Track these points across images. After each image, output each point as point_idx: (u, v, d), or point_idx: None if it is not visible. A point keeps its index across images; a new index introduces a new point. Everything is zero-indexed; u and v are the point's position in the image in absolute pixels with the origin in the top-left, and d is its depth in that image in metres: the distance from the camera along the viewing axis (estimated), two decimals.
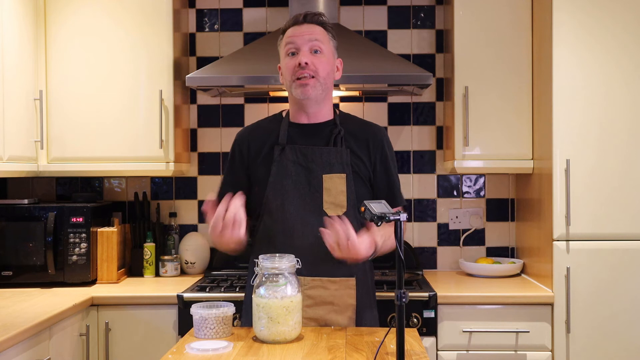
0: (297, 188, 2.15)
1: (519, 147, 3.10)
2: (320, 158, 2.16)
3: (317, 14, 2.19)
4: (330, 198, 2.13)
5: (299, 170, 2.16)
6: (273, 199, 2.16)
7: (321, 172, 2.15)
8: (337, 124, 2.21)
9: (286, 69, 2.17)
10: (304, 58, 2.12)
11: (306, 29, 2.15)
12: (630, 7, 2.81)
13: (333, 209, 2.13)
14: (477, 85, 3.09)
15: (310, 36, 2.14)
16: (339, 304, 2.13)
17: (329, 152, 2.16)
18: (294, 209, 2.14)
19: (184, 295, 2.82)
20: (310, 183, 2.14)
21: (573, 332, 2.79)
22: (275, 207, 2.15)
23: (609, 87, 2.81)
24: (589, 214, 2.81)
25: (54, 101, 3.12)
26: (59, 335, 2.54)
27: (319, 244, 2.08)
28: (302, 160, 2.16)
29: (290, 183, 2.15)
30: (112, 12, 3.13)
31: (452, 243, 3.49)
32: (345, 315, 2.14)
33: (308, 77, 2.12)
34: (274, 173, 2.16)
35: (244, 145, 2.25)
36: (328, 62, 2.17)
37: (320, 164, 2.15)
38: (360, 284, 2.17)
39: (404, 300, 1.64)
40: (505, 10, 3.10)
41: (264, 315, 1.88)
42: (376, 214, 1.71)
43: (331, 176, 2.14)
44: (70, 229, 3.04)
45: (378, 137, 2.23)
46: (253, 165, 2.22)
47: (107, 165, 3.13)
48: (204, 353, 1.80)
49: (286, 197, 2.14)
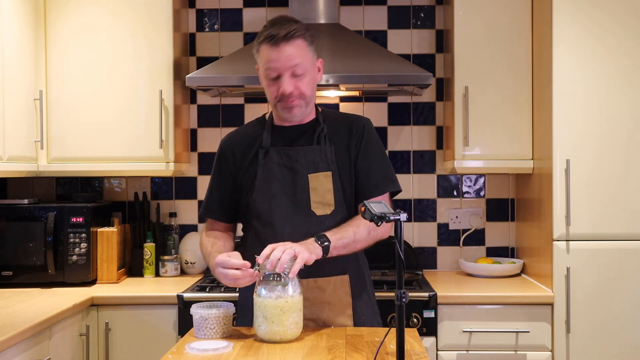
0: (284, 190, 2.13)
1: (519, 147, 3.10)
2: (305, 158, 2.14)
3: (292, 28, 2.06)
4: (318, 197, 2.12)
5: (285, 172, 2.14)
6: (261, 202, 2.14)
7: (306, 172, 2.13)
8: (319, 122, 2.19)
9: (268, 92, 2.12)
10: (288, 87, 2.06)
11: (285, 53, 2.05)
12: (630, 8, 2.81)
13: (321, 208, 2.11)
14: (477, 85, 3.09)
15: (290, 62, 2.05)
16: (335, 302, 2.13)
17: (313, 151, 2.14)
18: (282, 211, 2.12)
19: (184, 295, 2.82)
20: (297, 184, 2.12)
21: (573, 332, 2.79)
22: (264, 210, 2.14)
23: (609, 87, 2.81)
24: (589, 214, 2.81)
25: (54, 101, 3.12)
26: (59, 335, 2.54)
27: None
28: (286, 161, 2.14)
29: (276, 186, 2.13)
30: (112, 12, 3.13)
31: (452, 243, 3.49)
32: (342, 313, 2.14)
33: (294, 100, 2.08)
34: (260, 177, 2.14)
35: (229, 152, 2.22)
36: (311, 78, 2.11)
37: (305, 164, 2.13)
38: (354, 280, 2.17)
39: (404, 300, 1.64)
40: (505, 10, 3.10)
41: (260, 314, 1.89)
42: (376, 214, 1.71)
43: (317, 175, 2.12)
44: (70, 229, 3.04)
45: (359, 125, 2.19)
46: (240, 171, 2.19)
47: (107, 165, 3.13)
48: (204, 353, 1.80)
49: (273, 200, 2.13)
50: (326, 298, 2.12)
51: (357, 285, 2.18)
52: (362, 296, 2.19)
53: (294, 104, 2.09)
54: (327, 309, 2.13)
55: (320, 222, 2.09)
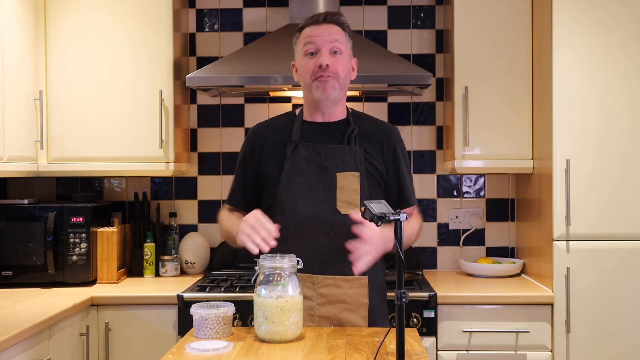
0: (310, 186, 2.14)
1: (519, 147, 3.10)
2: (334, 156, 2.15)
3: (336, 13, 2.18)
4: (344, 196, 2.12)
5: (312, 168, 2.15)
6: (286, 196, 2.15)
7: (335, 170, 2.14)
8: (350, 123, 2.21)
9: (305, 69, 2.14)
10: (325, 60, 2.11)
11: (326, 29, 2.13)
12: (630, 8, 2.81)
13: (346, 207, 2.12)
14: (477, 85, 3.09)
15: (331, 37, 2.13)
16: (352, 302, 2.13)
17: (343, 151, 2.15)
18: (307, 206, 2.13)
19: (184, 295, 2.82)
20: (324, 181, 2.14)
21: (573, 332, 2.79)
22: (288, 204, 2.14)
23: (609, 87, 2.81)
24: (589, 214, 2.81)
25: (54, 101, 3.12)
26: (59, 335, 2.54)
27: (332, 242, 2.09)
28: (315, 157, 2.15)
29: (303, 181, 2.14)
30: (112, 12, 3.13)
31: (452, 243, 3.49)
32: (358, 313, 2.14)
33: (329, 78, 2.11)
34: (287, 170, 2.15)
35: (257, 141, 2.23)
36: (347, 62, 2.17)
37: (333, 162, 2.14)
38: (372, 282, 2.17)
39: (404, 300, 1.64)
40: (505, 10, 3.10)
41: (260, 314, 1.90)
42: (376, 214, 1.71)
43: (345, 174, 2.13)
44: (70, 229, 3.04)
45: (391, 138, 2.23)
46: (264, 160, 2.20)
47: (107, 165, 3.13)
48: (204, 353, 1.80)
49: (299, 194, 2.13)
50: (343, 297, 2.13)
51: (375, 288, 2.18)
52: (378, 299, 2.20)
53: (329, 80, 2.11)
54: (343, 308, 2.13)
55: (345, 221, 2.09)
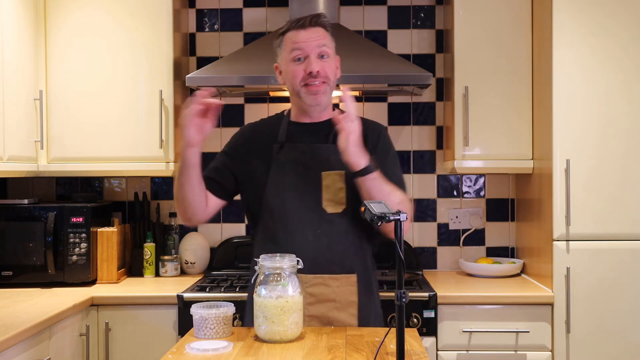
0: (296, 186, 2.14)
1: (519, 147, 3.10)
2: (319, 155, 2.16)
3: (318, 15, 2.18)
4: (329, 195, 2.13)
5: (298, 168, 2.15)
6: (273, 197, 2.16)
7: (320, 169, 2.14)
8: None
9: (293, 75, 2.13)
10: (315, 66, 2.10)
11: (313, 34, 2.12)
12: (630, 8, 2.81)
13: (332, 206, 2.13)
14: (477, 85, 3.09)
15: (318, 42, 2.12)
16: (341, 301, 2.13)
17: (327, 149, 2.15)
18: (293, 206, 2.13)
19: (184, 295, 2.82)
20: (309, 180, 2.14)
21: (573, 332, 2.79)
22: (275, 205, 2.15)
23: (608, 87, 2.81)
24: (589, 214, 2.81)
25: (54, 101, 3.12)
26: (59, 335, 2.54)
27: (319, 241, 2.09)
28: (300, 158, 2.16)
29: (289, 181, 2.15)
30: (113, 12, 3.13)
31: (452, 243, 3.49)
32: (347, 312, 2.14)
33: (320, 84, 2.11)
34: (273, 171, 2.17)
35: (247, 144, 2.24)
36: (334, 64, 2.17)
37: (318, 161, 2.15)
38: (361, 280, 2.17)
39: (404, 300, 1.64)
40: (505, 11, 3.10)
41: (260, 314, 1.90)
42: (376, 213, 1.71)
43: (330, 173, 2.14)
44: (70, 229, 3.04)
45: (375, 133, 2.22)
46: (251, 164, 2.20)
47: (107, 165, 3.13)
48: (204, 353, 1.80)
49: (286, 195, 2.14)
50: (332, 296, 2.13)
51: (364, 286, 2.18)
52: (368, 297, 2.20)
53: (319, 89, 2.12)
54: (332, 307, 2.13)
55: (331, 220, 2.11)
